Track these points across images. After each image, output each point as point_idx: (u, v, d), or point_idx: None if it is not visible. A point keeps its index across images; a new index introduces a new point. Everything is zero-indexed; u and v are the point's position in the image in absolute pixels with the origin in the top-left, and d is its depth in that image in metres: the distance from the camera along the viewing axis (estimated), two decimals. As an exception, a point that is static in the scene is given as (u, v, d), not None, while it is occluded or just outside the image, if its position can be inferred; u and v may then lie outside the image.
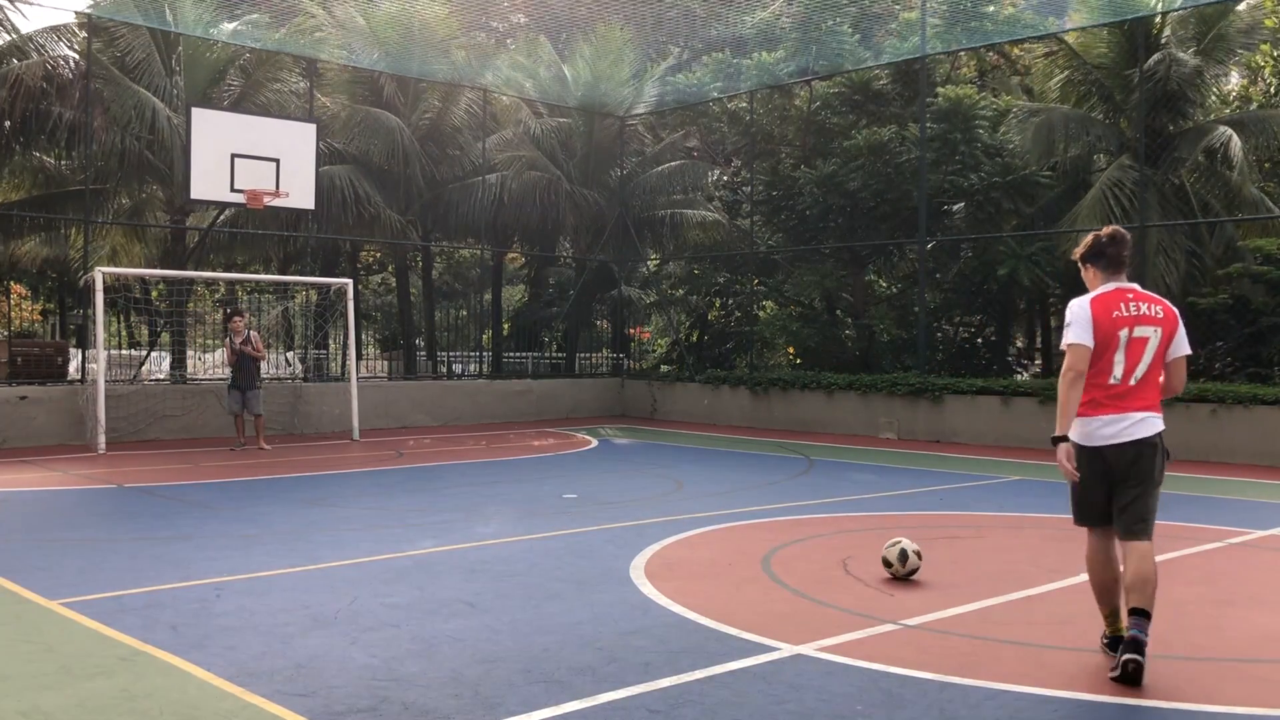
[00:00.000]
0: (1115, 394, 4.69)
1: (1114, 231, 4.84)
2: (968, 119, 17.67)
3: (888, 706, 4.21)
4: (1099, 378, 4.71)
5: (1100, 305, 4.75)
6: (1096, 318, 4.72)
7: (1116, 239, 4.82)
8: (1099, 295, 4.80)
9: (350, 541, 7.62)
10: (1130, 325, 4.71)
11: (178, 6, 17.46)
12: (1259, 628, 5.47)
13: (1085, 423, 4.73)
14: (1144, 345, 4.71)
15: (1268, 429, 13.16)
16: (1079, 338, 4.71)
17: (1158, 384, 4.80)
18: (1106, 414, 4.68)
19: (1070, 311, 4.81)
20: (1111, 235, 4.83)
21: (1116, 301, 4.75)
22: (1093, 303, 4.77)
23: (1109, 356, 4.71)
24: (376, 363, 26.80)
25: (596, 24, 21.79)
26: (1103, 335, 4.70)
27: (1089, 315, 4.74)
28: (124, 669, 4.58)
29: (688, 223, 22.62)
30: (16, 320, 26.02)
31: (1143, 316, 4.73)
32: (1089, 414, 4.71)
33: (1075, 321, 4.77)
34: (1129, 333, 4.70)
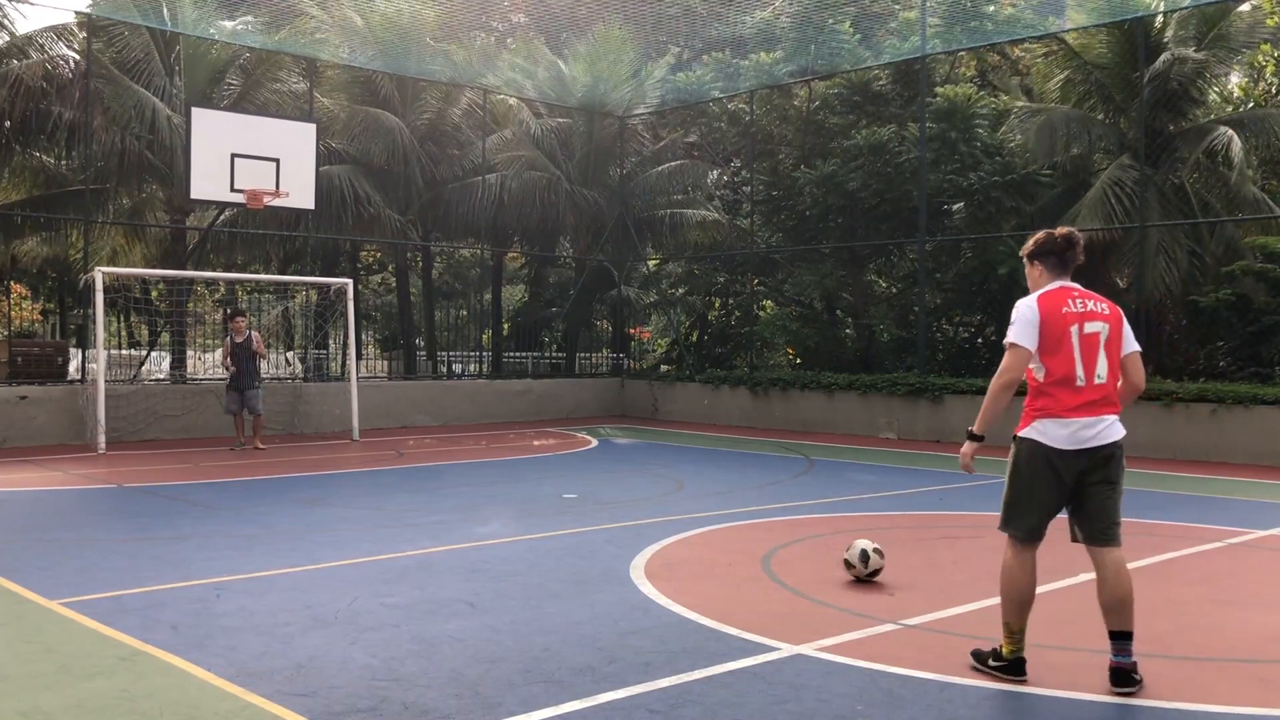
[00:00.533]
0: (1086, 396, 4.63)
1: (1070, 233, 4.76)
2: (966, 118, 17.67)
3: (888, 706, 4.21)
4: (1064, 378, 4.63)
5: (1047, 302, 4.67)
6: (1044, 316, 4.63)
7: (1073, 242, 4.74)
8: (1046, 293, 4.71)
9: (350, 541, 7.63)
10: (1080, 321, 4.63)
11: (177, 6, 17.47)
12: (1259, 628, 5.47)
13: (1065, 425, 4.63)
14: (1096, 341, 4.64)
15: (1268, 429, 13.16)
16: (1020, 338, 4.64)
17: (1117, 385, 4.78)
18: (1085, 416, 4.63)
19: (1017, 310, 4.71)
20: (1067, 236, 4.74)
21: (1064, 298, 4.68)
22: (1040, 300, 4.68)
23: (1065, 354, 4.63)
24: (376, 363, 26.82)
25: (596, 24, 21.79)
26: (1053, 332, 4.62)
27: (1036, 314, 4.64)
28: (124, 669, 4.58)
29: (687, 223, 22.63)
30: (16, 320, 26.02)
31: (1090, 312, 4.66)
32: (1066, 415, 4.61)
33: (1019, 320, 4.65)
34: (1080, 329, 4.62)
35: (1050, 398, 4.63)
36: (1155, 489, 10.98)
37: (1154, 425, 14.10)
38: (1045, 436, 4.65)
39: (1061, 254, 4.73)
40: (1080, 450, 4.65)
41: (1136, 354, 4.83)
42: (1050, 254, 4.75)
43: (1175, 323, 18.21)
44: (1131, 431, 15.33)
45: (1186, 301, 16.50)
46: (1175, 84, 16.83)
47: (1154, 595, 6.17)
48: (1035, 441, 4.66)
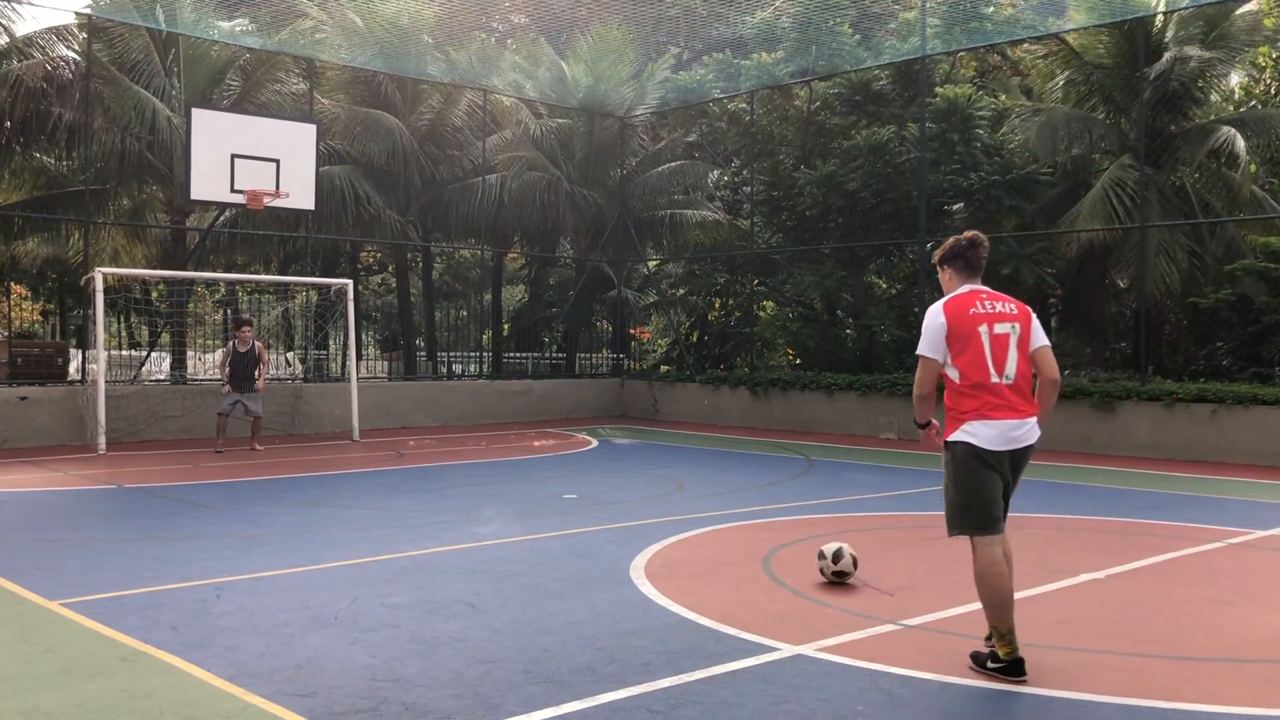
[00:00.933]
0: (1006, 396, 4.72)
1: (974, 236, 4.94)
2: (965, 119, 17.67)
3: (888, 706, 4.21)
4: (978, 378, 4.73)
5: (954, 307, 4.81)
6: (951, 319, 4.78)
7: (976, 243, 4.92)
8: (954, 298, 4.86)
9: (350, 542, 7.63)
10: (989, 322, 4.76)
11: (177, 7, 17.47)
12: (1259, 628, 5.47)
13: (993, 425, 4.69)
14: (1006, 341, 4.76)
15: (1268, 429, 13.16)
16: (927, 350, 4.83)
17: (1031, 384, 4.85)
18: (1010, 418, 4.69)
19: (925, 320, 4.86)
20: (971, 240, 4.92)
21: (972, 301, 4.82)
22: (946, 307, 4.83)
23: (976, 354, 4.74)
24: (377, 363, 26.82)
25: (596, 24, 21.80)
26: (961, 334, 4.75)
27: (942, 322, 4.79)
28: (124, 669, 4.58)
29: (687, 223, 22.63)
30: (17, 320, 26.02)
31: (999, 314, 4.79)
32: (994, 416, 4.69)
33: (926, 331, 4.83)
34: (989, 329, 4.75)
35: (972, 399, 4.74)
36: (1155, 489, 10.98)
37: (1154, 425, 14.10)
38: (976, 438, 4.72)
39: (967, 256, 4.91)
40: (1013, 451, 4.74)
41: (1046, 348, 4.88)
42: (957, 257, 4.94)
43: (1176, 323, 18.23)
44: (1132, 431, 15.31)
45: (1187, 302, 16.50)
46: (1176, 84, 16.84)
47: (1154, 595, 6.17)
48: (967, 444, 4.74)
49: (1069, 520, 8.84)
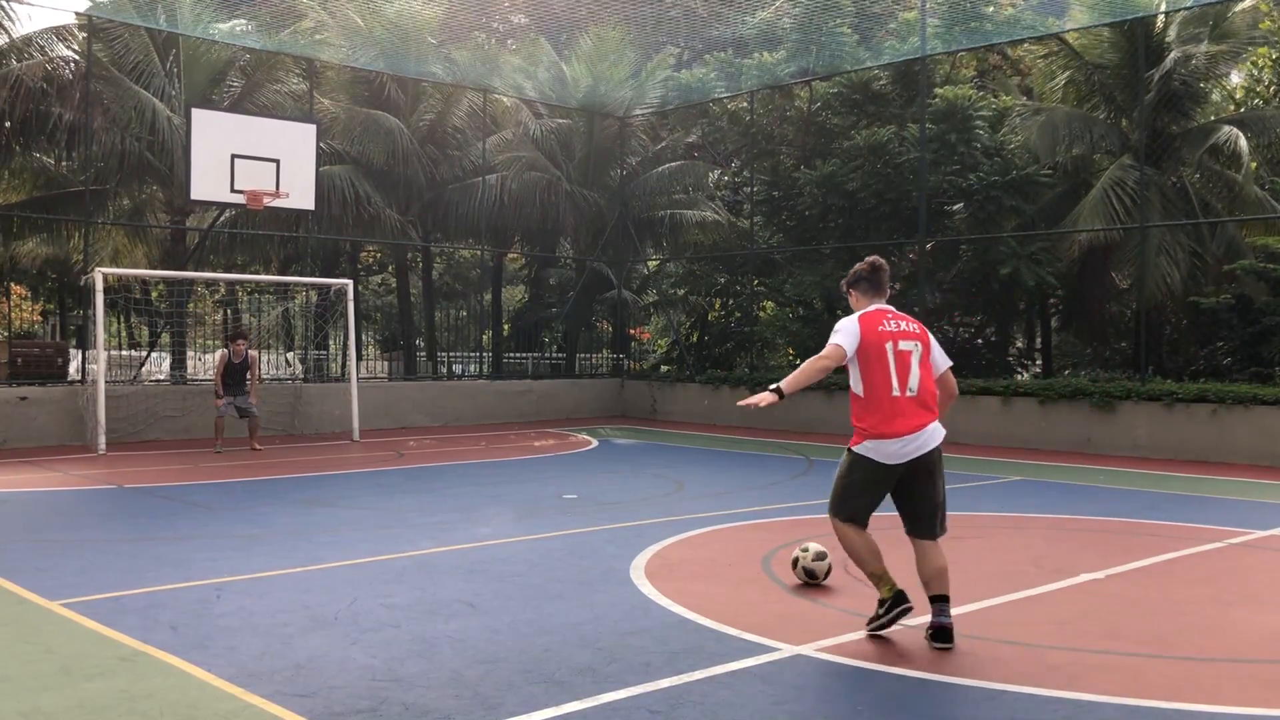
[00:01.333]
0: (902, 408, 5.12)
1: (875, 261, 5.42)
2: (965, 119, 17.67)
3: (888, 706, 4.21)
4: (882, 392, 5.13)
5: (867, 321, 5.24)
6: (864, 331, 5.19)
7: (878, 267, 5.40)
8: (866, 313, 5.28)
9: (350, 542, 7.62)
10: (894, 339, 5.18)
11: (177, 7, 17.47)
12: (1259, 628, 5.47)
13: (886, 444, 5.11)
14: (909, 358, 5.18)
15: (1268, 429, 13.16)
16: (842, 342, 5.19)
17: (935, 394, 5.27)
18: (905, 435, 5.10)
19: (840, 323, 5.28)
20: (873, 265, 5.40)
21: (880, 318, 5.25)
22: (861, 319, 5.25)
23: (883, 369, 5.15)
24: (377, 363, 26.81)
25: (597, 25, 21.79)
26: (871, 347, 5.15)
27: (857, 328, 5.21)
28: (124, 669, 4.58)
29: (688, 223, 22.62)
30: (17, 321, 26.02)
31: (903, 332, 5.22)
32: (888, 434, 5.09)
33: (844, 330, 5.21)
34: (894, 346, 5.16)
35: (874, 414, 5.14)
36: (1155, 489, 10.98)
37: (1154, 425, 14.10)
38: (877, 454, 5.17)
39: (870, 279, 5.38)
40: (904, 463, 5.18)
41: (949, 371, 5.44)
42: (863, 280, 5.40)
43: (1176, 323, 18.22)
44: (1132, 431, 15.26)
45: (1187, 302, 16.50)
46: (1177, 84, 16.84)
47: (1154, 595, 6.17)
48: (867, 458, 5.20)
49: (1069, 520, 8.84)
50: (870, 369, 5.15)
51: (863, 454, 5.20)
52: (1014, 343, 21.17)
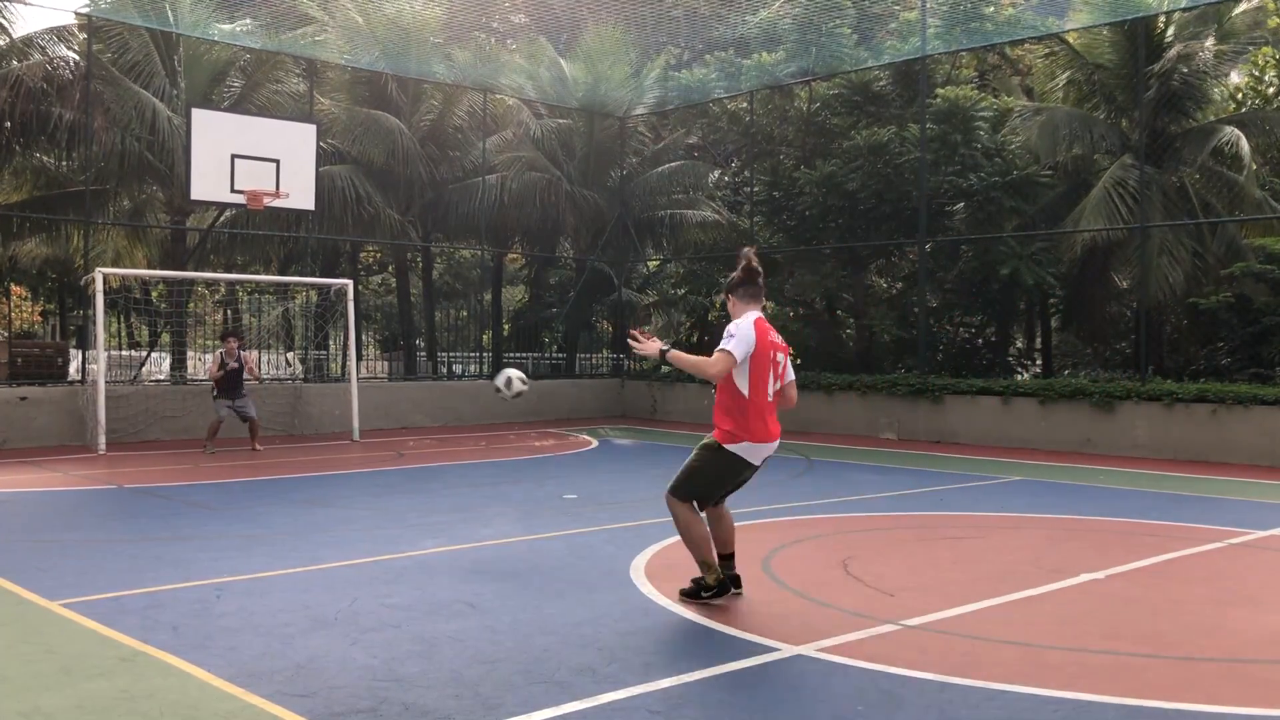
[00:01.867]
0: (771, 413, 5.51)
1: (754, 267, 5.61)
2: (966, 119, 17.67)
3: (888, 706, 4.21)
4: (761, 397, 5.41)
5: (760, 328, 5.44)
6: (758, 338, 5.38)
7: (758, 274, 5.62)
8: (758, 320, 5.49)
9: (350, 542, 7.62)
10: (774, 349, 5.49)
11: (177, 7, 17.48)
12: (1259, 628, 5.47)
13: (760, 447, 5.50)
14: (779, 368, 5.53)
15: (1268, 429, 13.16)
16: (736, 349, 5.34)
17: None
18: (774, 439, 5.54)
19: (737, 326, 5.41)
20: (753, 271, 5.61)
21: (766, 327, 5.52)
22: (756, 324, 5.44)
23: (764, 375, 5.40)
24: (377, 363, 26.79)
25: (598, 25, 21.80)
26: (763, 355, 5.39)
27: (753, 335, 5.38)
28: (124, 670, 4.58)
29: (688, 223, 22.62)
30: (17, 321, 26.03)
31: (776, 343, 5.55)
32: (763, 438, 5.47)
33: (740, 336, 5.36)
34: (773, 354, 5.46)
35: (754, 416, 5.42)
36: (1155, 489, 10.98)
37: (1154, 425, 14.10)
38: (750, 454, 5.54)
39: (752, 286, 5.59)
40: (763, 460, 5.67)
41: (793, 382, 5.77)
42: (739, 287, 5.60)
43: (1176, 323, 18.22)
44: (1132, 431, 15.27)
45: (1187, 302, 16.50)
46: (1178, 83, 16.85)
47: (1154, 595, 6.17)
48: (740, 457, 5.52)
49: (1069, 520, 8.84)
50: (757, 375, 5.39)
51: (736, 453, 5.50)
52: (1014, 343, 21.17)
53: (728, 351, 5.33)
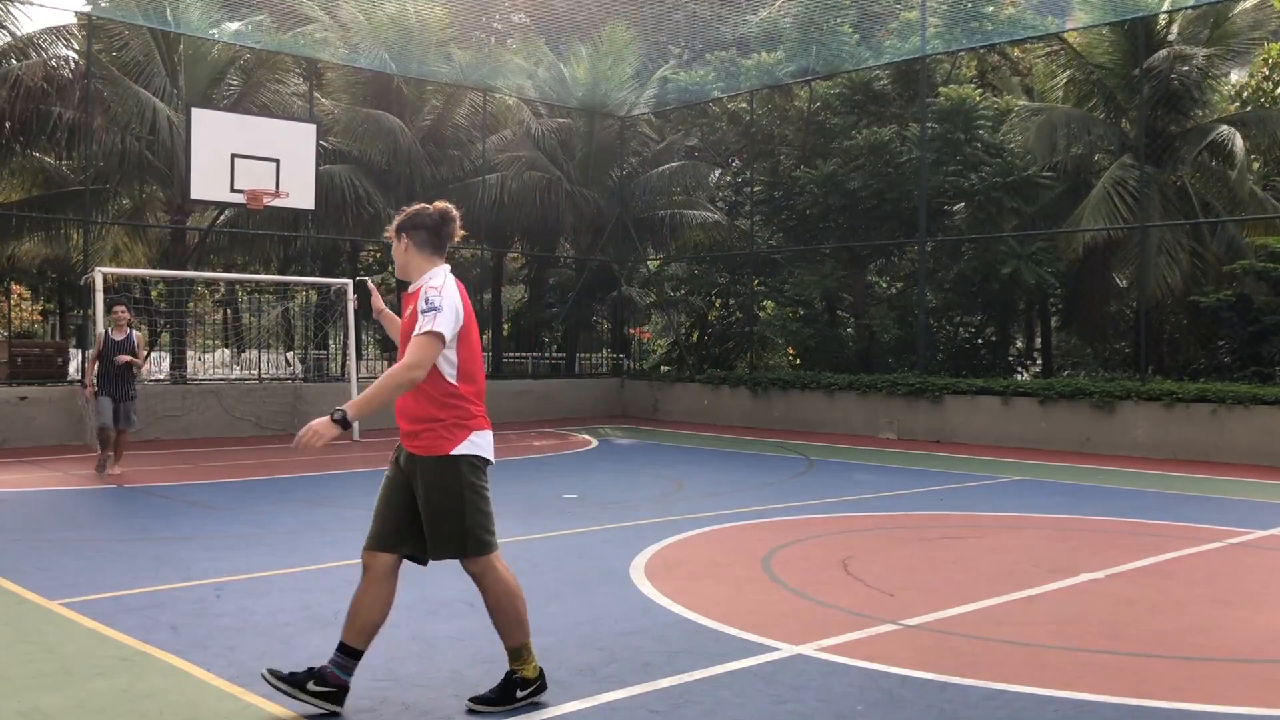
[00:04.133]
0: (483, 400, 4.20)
1: (446, 209, 4.31)
2: (969, 119, 17.67)
3: (888, 706, 4.21)
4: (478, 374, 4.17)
5: (462, 290, 4.16)
6: (465, 304, 4.13)
7: (449, 218, 4.29)
8: (455, 280, 4.19)
9: (350, 541, 7.61)
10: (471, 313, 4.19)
11: (178, 7, 17.47)
12: (1259, 628, 5.47)
13: (488, 434, 4.19)
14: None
15: (1268, 429, 13.16)
16: (445, 327, 3.99)
17: None
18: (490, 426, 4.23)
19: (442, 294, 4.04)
20: (443, 213, 4.29)
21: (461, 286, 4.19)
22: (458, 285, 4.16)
23: (476, 349, 4.16)
24: (376, 363, 26.77)
25: (598, 25, 21.79)
26: (471, 322, 4.13)
27: (459, 303, 4.08)
28: (124, 669, 4.58)
29: (687, 223, 22.62)
30: (16, 320, 26.02)
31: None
32: (486, 426, 4.18)
33: (448, 307, 4.02)
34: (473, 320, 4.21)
35: (474, 402, 4.13)
36: (1155, 489, 10.98)
37: (1154, 425, 14.10)
38: (483, 450, 4.15)
39: (440, 232, 4.27)
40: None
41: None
42: (421, 229, 4.26)
43: (1176, 323, 18.22)
44: (1132, 431, 15.25)
45: (1188, 301, 16.50)
46: (1177, 83, 16.85)
47: (1154, 595, 6.17)
48: (480, 457, 4.14)
49: (1069, 520, 8.83)
50: (469, 349, 4.11)
51: (471, 454, 4.08)
52: (1014, 342, 21.17)
53: (435, 334, 3.94)
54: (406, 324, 4.14)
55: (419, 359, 3.95)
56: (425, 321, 3.96)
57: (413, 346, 3.96)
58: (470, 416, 4.09)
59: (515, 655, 4.16)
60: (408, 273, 4.27)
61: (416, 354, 3.94)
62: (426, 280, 4.13)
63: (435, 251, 4.26)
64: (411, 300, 4.16)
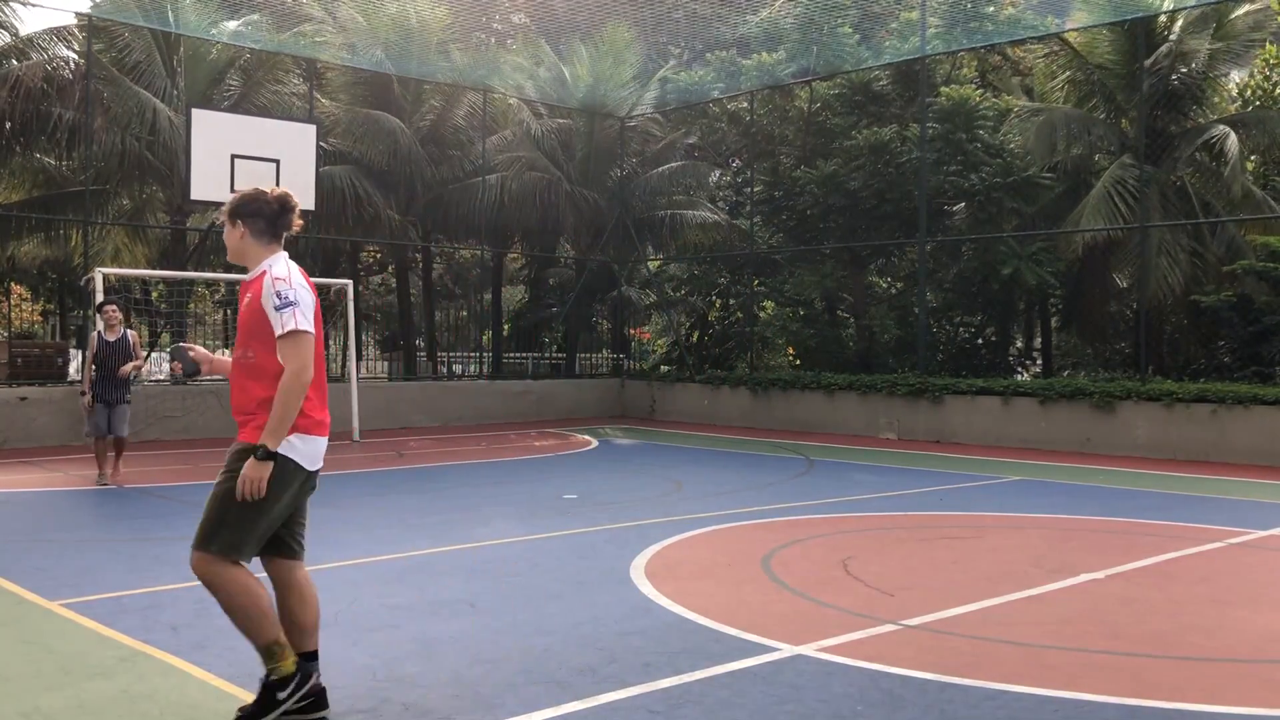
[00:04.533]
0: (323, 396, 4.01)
1: (285, 197, 4.05)
2: (969, 119, 17.67)
3: (888, 706, 4.21)
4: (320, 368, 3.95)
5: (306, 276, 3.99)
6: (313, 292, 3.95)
7: (289, 207, 4.04)
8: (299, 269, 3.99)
9: (350, 542, 7.62)
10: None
11: (178, 7, 17.48)
12: (1259, 628, 5.47)
13: (315, 442, 3.96)
14: None
15: (1268, 429, 13.16)
16: (306, 320, 3.83)
17: None
18: (326, 432, 4.01)
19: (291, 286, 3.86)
20: (283, 200, 4.03)
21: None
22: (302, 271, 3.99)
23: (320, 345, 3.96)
24: (377, 363, 26.81)
25: (598, 25, 21.79)
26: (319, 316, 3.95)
27: (309, 291, 3.90)
28: (124, 669, 4.58)
29: (688, 223, 22.63)
30: (16, 321, 26.03)
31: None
32: (318, 432, 3.97)
33: (302, 300, 3.85)
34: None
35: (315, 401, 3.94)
36: (1155, 489, 10.98)
37: (1154, 425, 14.10)
38: (300, 455, 3.91)
39: (275, 219, 4.02)
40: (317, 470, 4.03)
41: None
42: (258, 216, 4.01)
43: (1176, 323, 18.23)
44: (1132, 431, 15.26)
45: (1189, 300, 16.51)
46: (1177, 84, 16.85)
47: (1154, 595, 6.17)
48: (294, 463, 3.89)
49: (1069, 520, 8.83)
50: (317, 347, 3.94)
51: (291, 456, 3.86)
52: (1014, 343, 21.17)
53: (300, 332, 3.79)
54: (246, 314, 3.95)
55: (301, 361, 3.80)
56: (286, 320, 3.80)
57: (285, 353, 3.80)
58: (299, 415, 3.85)
59: (268, 654, 3.87)
60: (242, 259, 4.07)
61: (295, 359, 3.79)
62: (269, 270, 3.92)
63: (273, 240, 4.04)
64: (249, 289, 3.98)
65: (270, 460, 3.79)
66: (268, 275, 3.90)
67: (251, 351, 3.91)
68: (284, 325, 3.80)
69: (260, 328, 3.86)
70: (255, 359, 3.90)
